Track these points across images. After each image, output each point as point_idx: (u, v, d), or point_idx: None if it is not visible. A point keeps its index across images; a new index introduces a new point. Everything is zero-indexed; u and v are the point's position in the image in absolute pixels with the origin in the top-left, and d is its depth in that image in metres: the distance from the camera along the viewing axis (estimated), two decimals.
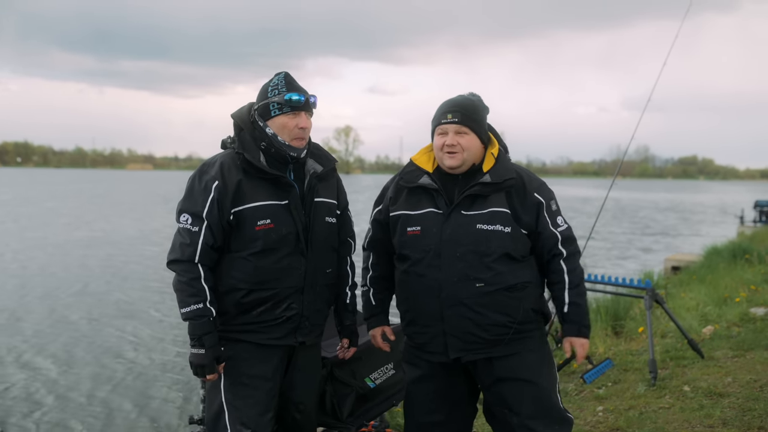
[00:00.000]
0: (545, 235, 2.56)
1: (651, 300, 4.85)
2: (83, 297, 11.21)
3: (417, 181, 2.62)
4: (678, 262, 12.21)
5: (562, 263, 2.58)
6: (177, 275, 2.47)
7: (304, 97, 2.54)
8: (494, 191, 2.53)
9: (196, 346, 2.44)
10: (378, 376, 3.29)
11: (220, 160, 2.53)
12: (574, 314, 2.57)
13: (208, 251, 2.46)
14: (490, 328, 2.50)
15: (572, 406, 4.33)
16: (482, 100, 2.67)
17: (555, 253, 2.58)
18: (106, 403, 6.36)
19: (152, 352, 8.07)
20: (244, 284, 2.48)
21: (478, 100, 2.64)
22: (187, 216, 2.47)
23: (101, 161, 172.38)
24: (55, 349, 8.09)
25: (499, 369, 2.55)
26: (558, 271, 2.58)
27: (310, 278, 2.57)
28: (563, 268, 2.57)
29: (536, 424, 2.53)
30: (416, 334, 2.64)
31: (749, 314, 6.26)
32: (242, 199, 2.47)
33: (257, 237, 2.47)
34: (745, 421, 3.73)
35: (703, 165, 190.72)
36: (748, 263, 9.54)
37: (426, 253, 2.53)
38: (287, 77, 2.57)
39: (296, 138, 2.55)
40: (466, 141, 2.55)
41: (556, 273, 2.58)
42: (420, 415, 2.71)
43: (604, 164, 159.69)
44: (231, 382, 2.53)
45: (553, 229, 2.57)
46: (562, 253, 2.58)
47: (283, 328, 2.55)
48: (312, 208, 2.59)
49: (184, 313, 2.44)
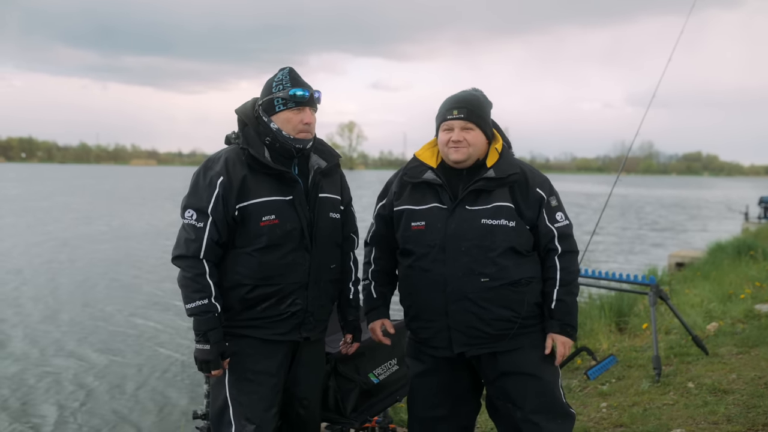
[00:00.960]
0: (541, 230, 2.57)
1: (655, 296, 4.84)
2: (84, 291, 11.25)
3: (421, 177, 2.62)
4: (682, 258, 12.20)
5: (556, 259, 2.58)
6: (182, 271, 2.46)
7: (309, 93, 2.53)
8: (498, 186, 2.53)
9: (201, 342, 2.43)
10: (382, 371, 3.28)
11: (225, 155, 2.53)
12: (558, 311, 2.56)
13: (213, 247, 2.46)
14: (495, 322, 2.50)
15: (576, 403, 4.33)
16: (486, 96, 2.67)
17: (550, 248, 2.58)
18: (108, 397, 6.39)
19: (156, 346, 8.10)
20: (248, 280, 2.48)
21: (482, 96, 2.65)
22: (192, 212, 2.47)
23: (105, 157, 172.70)
24: (53, 341, 8.13)
25: (503, 363, 2.56)
26: (551, 267, 2.58)
27: (315, 274, 2.57)
28: (556, 265, 2.58)
29: (540, 419, 2.53)
30: (420, 329, 2.65)
31: (754, 311, 6.24)
32: (247, 195, 2.47)
33: (262, 233, 2.46)
34: (749, 417, 3.72)
35: (707, 161, 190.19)
36: (752, 260, 9.52)
37: (431, 248, 2.53)
38: (292, 72, 2.56)
39: (301, 132, 2.54)
40: (472, 137, 2.55)
41: (549, 269, 2.59)
42: (423, 410, 2.71)
43: (609, 160, 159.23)
44: (235, 377, 2.53)
45: (549, 225, 2.57)
46: (556, 249, 2.58)
47: (288, 324, 2.55)
48: (316, 204, 2.58)
49: (189, 308, 2.44)
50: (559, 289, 2.57)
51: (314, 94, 2.56)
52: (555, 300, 2.56)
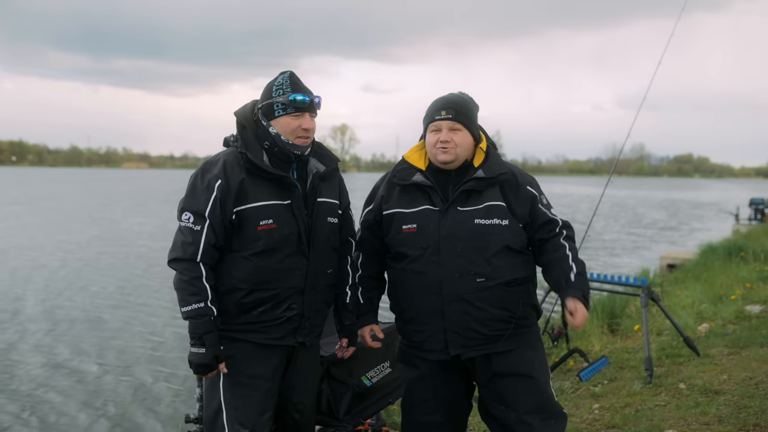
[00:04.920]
0: (544, 220, 2.59)
1: (647, 298, 4.87)
2: (76, 293, 11.20)
3: (410, 179, 2.63)
4: (674, 259, 12.24)
5: (563, 241, 2.60)
6: (178, 274, 2.44)
7: (309, 98, 2.51)
8: (488, 186, 2.55)
9: (197, 345, 2.42)
10: (374, 374, 3.28)
11: (223, 158, 2.51)
12: (580, 282, 2.56)
13: (209, 250, 2.44)
14: (491, 323, 2.51)
15: (568, 404, 4.34)
16: (473, 99, 2.69)
17: (556, 232, 2.60)
18: (98, 400, 6.35)
19: (148, 349, 8.06)
20: (245, 284, 2.47)
21: (469, 98, 2.67)
22: (189, 214, 2.45)
23: (97, 160, 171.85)
24: (43, 344, 8.08)
25: (497, 365, 2.57)
26: (561, 247, 2.59)
27: (311, 279, 2.56)
28: (565, 245, 2.60)
29: (533, 419, 2.55)
30: (415, 333, 2.65)
31: (744, 312, 6.28)
32: (245, 199, 2.45)
33: (259, 237, 2.45)
34: (740, 418, 3.74)
35: (698, 163, 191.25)
36: (743, 261, 9.56)
37: (424, 250, 2.54)
38: (293, 77, 2.53)
39: (299, 138, 2.52)
40: (459, 137, 2.56)
41: (559, 249, 2.59)
42: (419, 416, 2.71)
43: (600, 162, 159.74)
44: (230, 381, 2.52)
45: (552, 216, 2.61)
46: (563, 233, 2.61)
47: (284, 329, 2.53)
48: (314, 209, 2.57)
49: (184, 311, 2.43)
50: (575, 262, 2.58)
51: (314, 99, 2.54)
52: (575, 273, 2.56)
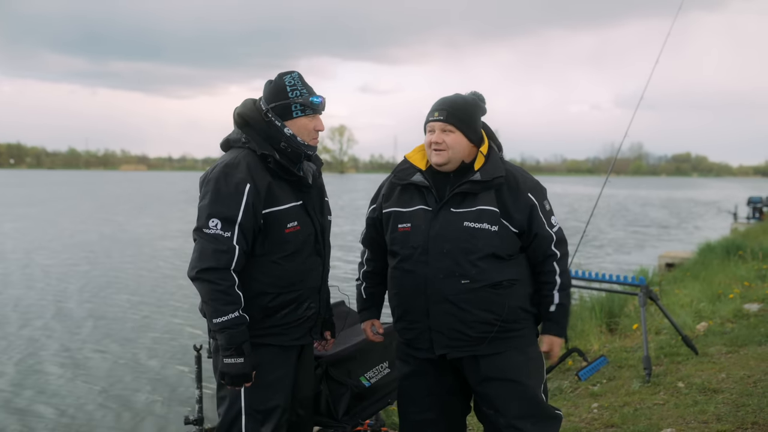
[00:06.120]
0: (541, 235, 2.58)
1: (645, 297, 4.87)
2: (74, 294, 11.19)
3: (409, 179, 2.63)
4: (672, 258, 12.26)
5: (555, 264, 2.61)
6: (211, 284, 2.33)
7: (323, 100, 2.56)
8: (484, 189, 2.54)
9: (234, 356, 2.34)
10: (373, 374, 3.29)
11: (244, 160, 2.44)
12: (559, 315, 2.62)
13: (242, 257, 2.39)
14: (475, 325, 2.50)
15: (567, 404, 4.35)
16: (480, 100, 2.67)
17: (549, 254, 2.60)
18: (95, 401, 6.34)
19: (144, 351, 8.04)
20: (272, 288, 2.45)
21: (472, 100, 2.64)
22: (217, 221, 2.36)
23: (95, 162, 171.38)
24: (40, 345, 8.07)
25: (485, 368, 2.56)
26: (550, 272, 2.61)
27: (324, 276, 2.62)
28: (555, 270, 2.61)
29: (523, 424, 2.54)
30: (405, 330, 2.66)
31: (743, 310, 6.29)
32: (272, 202, 2.43)
33: (287, 240, 2.45)
34: (739, 416, 3.75)
35: (696, 162, 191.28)
36: (741, 259, 9.58)
37: (414, 249, 2.55)
38: (302, 78, 2.55)
39: (313, 139, 2.57)
40: (451, 139, 2.56)
41: (549, 273, 2.61)
42: (413, 414, 2.72)
43: (598, 162, 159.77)
44: (253, 387, 2.45)
45: (549, 229, 2.59)
46: (555, 255, 2.61)
47: (303, 328, 2.56)
48: (324, 208, 2.64)
49: (220, 322, 2.33)
50: (560, 293, 2.61)
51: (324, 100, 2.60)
52: (556, 304, 2.60)
